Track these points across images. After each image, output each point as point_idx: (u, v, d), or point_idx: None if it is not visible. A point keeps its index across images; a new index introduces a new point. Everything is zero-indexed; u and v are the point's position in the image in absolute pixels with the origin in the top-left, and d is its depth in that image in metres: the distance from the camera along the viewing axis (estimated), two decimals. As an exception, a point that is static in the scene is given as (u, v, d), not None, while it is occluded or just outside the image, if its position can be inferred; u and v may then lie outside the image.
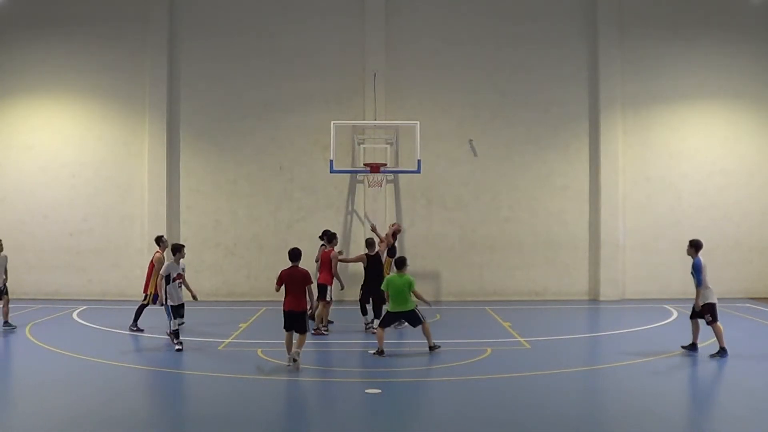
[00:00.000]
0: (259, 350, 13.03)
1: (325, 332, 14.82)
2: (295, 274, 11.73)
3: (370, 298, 14.99)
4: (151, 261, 15.07)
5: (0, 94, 21.34)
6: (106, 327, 15.91)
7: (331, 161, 18.83)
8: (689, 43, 21.14)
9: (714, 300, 12.69)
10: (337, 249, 15.66)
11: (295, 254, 11.84)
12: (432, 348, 12.88)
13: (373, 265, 15.04)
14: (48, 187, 21.20)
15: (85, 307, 19.07)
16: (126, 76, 21.06)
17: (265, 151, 21.13)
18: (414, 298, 12.84)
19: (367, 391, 10.22)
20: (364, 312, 15.29)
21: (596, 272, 20.97)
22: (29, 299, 20.41)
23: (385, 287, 12.98)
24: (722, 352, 12.44)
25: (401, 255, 13.72)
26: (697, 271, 12.62)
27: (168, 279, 12.96)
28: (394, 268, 13.15)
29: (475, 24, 21.22)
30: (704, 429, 8.84)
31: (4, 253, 15.55)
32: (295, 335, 11.65)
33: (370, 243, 15.35)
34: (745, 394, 10.23)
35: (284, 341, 11.79)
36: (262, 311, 18.45)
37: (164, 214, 20.78)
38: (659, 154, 21.19)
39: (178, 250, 13.27)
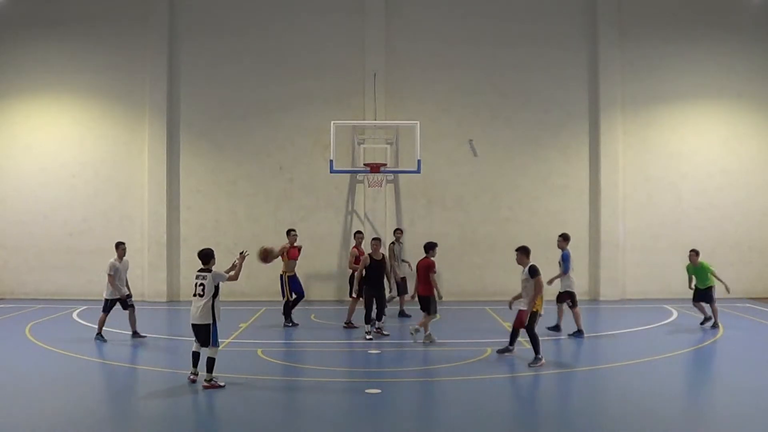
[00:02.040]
0: (259, 350, 13.03)
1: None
2: (419, 263, 13.75)
3: (374, 302, 14.50)
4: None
5: (0, 94, 21.34)
6: (106, 327, 15.87)
7: (331, 161, 18.84)
8: (689, 43, 21.15)
9: (573, 289, 14.52)
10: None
11: (425, 246, 13.92)
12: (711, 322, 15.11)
13: (377, 268, 14.56)
14: (48, 187, 21.19)
15: (85, 307, 19.06)
16: (126, 76, 21.06)
17: (265, 151, 21.14)
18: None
19: (367, 391, 10.21)
20: (369, 320, 14.48)
21: (596, 272, 20.97)
22: (29, 299, 20.43)
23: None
24: (579, 333, 14.27)
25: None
26: (565, 260, 14.50)
27: (217, 291, 10.54)
28: None
29: (475, 24, 21.22)
30: (704, 429, 8.84)
31: (126, 258, 14.48)
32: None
33: (374, 245, 14.77)
34: (745, 394, 10.22)
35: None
36: (262, 311, 18.46)
37: (164, 214, 20.80)
38: (659, 154, 21.20)
39: (210, 256, 10.72)
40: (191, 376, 10.53)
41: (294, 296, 15.97)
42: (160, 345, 13.92)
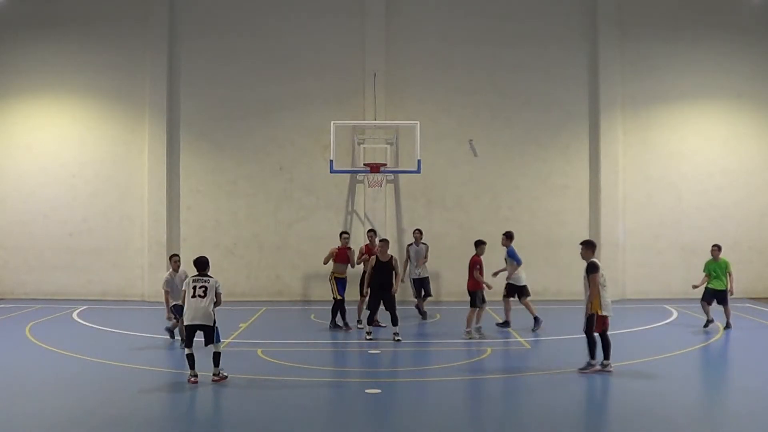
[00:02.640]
0: (259, 350, 13.03)
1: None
2: (470, 260, 14.25)
3: (380, 304, 14.20)
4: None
5: (0, 94, 21.34)
6: (106, 327, 15.91)
7: (331, 161, 18.84)
8: (689, 43, 21.15)
9: (523, 283, 15.19)
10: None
11: (474, 243, 14.47)
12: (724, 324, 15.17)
13: (383, 269, 14.13)
14: (48, 187, 21.18)
15: (85, 307, 19.07)
16: (126, 75, 21.04)
17: (265, 151, 21.13)
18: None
19: (367, 391, 10.21)
20: (371, 321, 14.39)
21: (596, 272, 20.92)
22: (29, 299, 20.42)
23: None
24: (537, 321, 15.06)
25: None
26: (511, 255, 15.20)
27: (218, 297, 10.90)
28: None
29: (475, 24, 21.22)
30: (704, 429, 8.84)
31: (182, 269, 13.70)
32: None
33: (382, 246, 14.43)
34: (744, 394, 10.23)
35: None
36: (262, 311, 18.46)
37: (164, 214, 20.79)
38: (659, 154, 21.20)
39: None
40: (192, 379, 10.53)
41: (341, 297, 15.29)
42: (160, 345, 13.92)
